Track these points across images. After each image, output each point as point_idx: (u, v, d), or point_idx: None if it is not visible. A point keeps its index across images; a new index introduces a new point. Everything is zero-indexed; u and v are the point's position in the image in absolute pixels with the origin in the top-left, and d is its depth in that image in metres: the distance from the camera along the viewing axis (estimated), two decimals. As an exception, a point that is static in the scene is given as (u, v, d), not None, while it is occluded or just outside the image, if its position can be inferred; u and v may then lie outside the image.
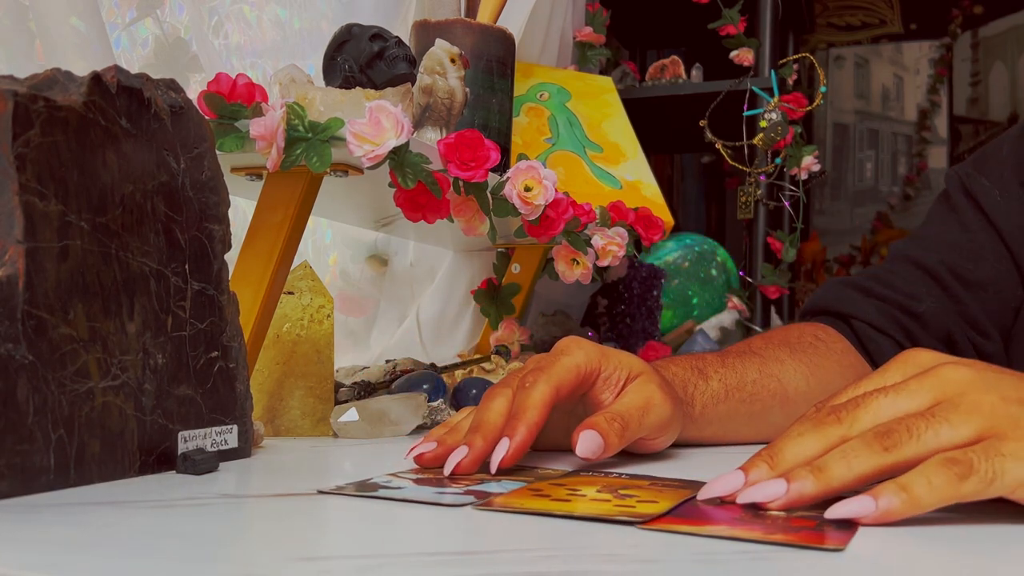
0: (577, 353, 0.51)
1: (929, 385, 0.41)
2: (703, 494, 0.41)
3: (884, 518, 0.36)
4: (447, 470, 0.46)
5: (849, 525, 0.36)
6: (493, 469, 0.46)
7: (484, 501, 0.39)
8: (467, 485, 0.44)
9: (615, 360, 0.53)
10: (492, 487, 0.43)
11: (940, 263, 0.74)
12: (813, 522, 0.37)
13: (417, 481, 0.45)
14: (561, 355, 0.51)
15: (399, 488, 0.42)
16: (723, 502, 0.40)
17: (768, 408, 0.63)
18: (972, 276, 0.74)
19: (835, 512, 0.37)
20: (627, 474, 0.48)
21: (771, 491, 0.39)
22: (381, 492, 0.41)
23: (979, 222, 0.75)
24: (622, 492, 0.42)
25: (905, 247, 0.78)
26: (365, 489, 0.42)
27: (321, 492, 0.42)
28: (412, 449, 0.49)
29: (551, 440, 0.55)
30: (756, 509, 0.39)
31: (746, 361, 0.64)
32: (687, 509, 0.39)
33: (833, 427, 0.41)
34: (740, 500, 0.40)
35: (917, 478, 0.37)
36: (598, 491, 0.42)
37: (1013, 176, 0.75)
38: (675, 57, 1.52)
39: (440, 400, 0.74)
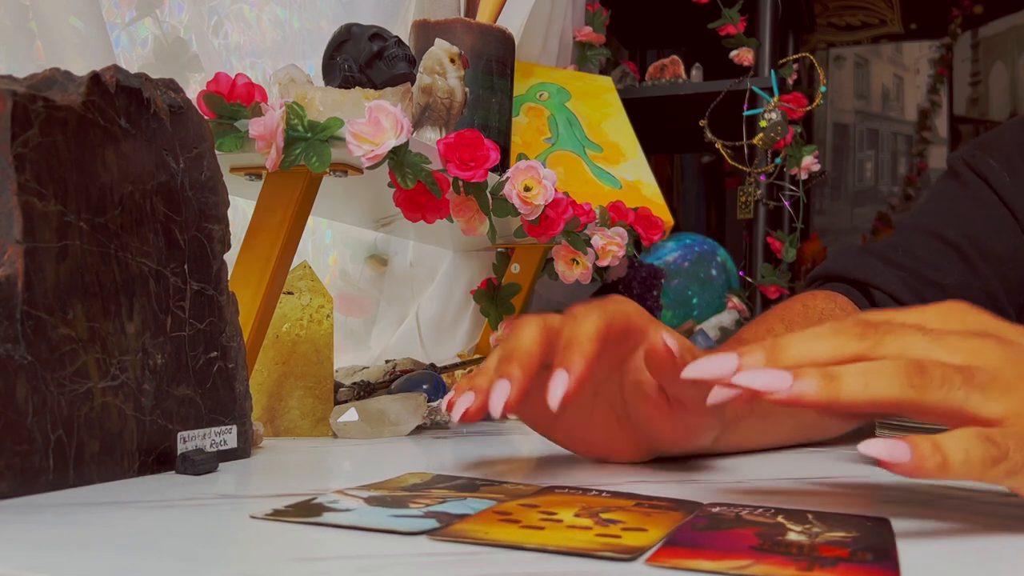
0: (628, 305, 0.47)
1: (970, 347, 0.38)
2: (688, 372, 0.38)
3: (914, 473, 0.34)
4: (495, 412, 0.40)
5: (887, 555, 0.33)
6: (554, 405, 0.40)
7: (443, 529, 0.34)
8: (426, 505, 0.39)
9: (664, 329, 0.48)
10: (454, 507, 0.38)
11: (962, 236, 0.72)
12: (846, 550, 0.33)
13: (369, 500, 0.40)
14: (612, 302, 0.46)
15: (347, 511, 0.37)
16: (711, 379, 0.36)
17: (779, 421, 0.61)
18: (992, 249, 0.72)
19: (869, 448, 0.34)
20: (608, 491, 0.43)
21: (772, 381, 0.36)
22: (326, 517, 0.36)
23: (992, 197, 0.73)
24: (604, 517, 0.37)
25: (920, 220, 0.76)
26: (307, 512, 0.37)
27: (253, 517, 0.36)
28: (450, 405, 0.43)
29: (598, 445, 0.52)
30: (772, 535, 0.35)
31: None
32: (689, 536, 0.35)
33: (853, 340, 0.38)
34: (735, 381, 0.36)
35: (956, 445, 0.35)
36: (576, 515, 0.38)
37: (1019, 158, 0.74)
38: (675, 57, 1.52)
39: (440, 400, 0.74)
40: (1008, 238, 0.72)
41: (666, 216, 1.09)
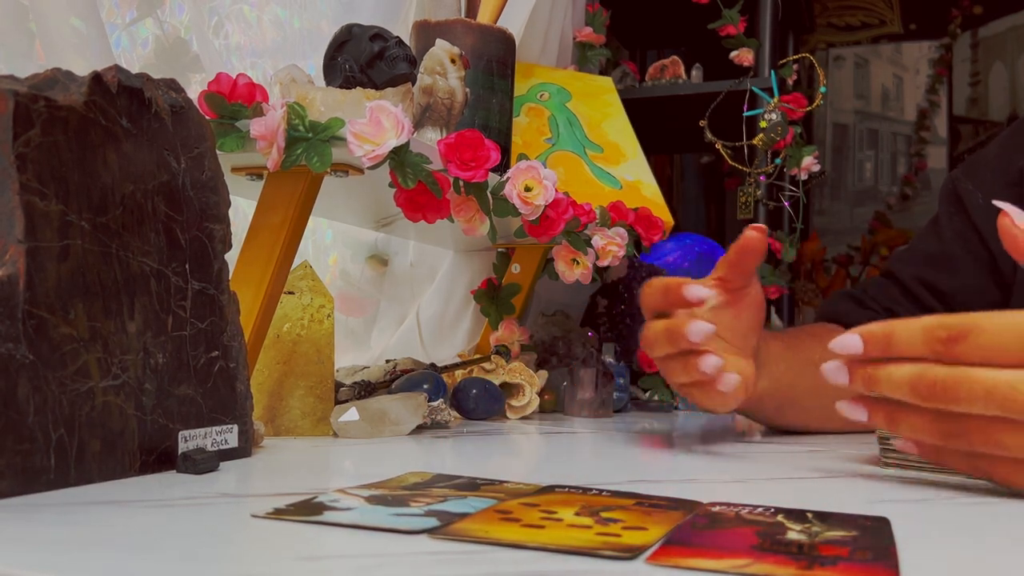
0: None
1: None
2: (824, 369, 0.49)
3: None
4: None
5: (887, 555, 0.33)
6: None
7: (443, 527, 0.34)
8: (427, 504, 0.39)
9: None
10: (455, 506, 0.38)
11: (914, 278, 0.83)
12: (846, 549, 0.33)
13: (369, 499, 0.39)
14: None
15: (348, 510, 0.37)
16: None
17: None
18: (943, 286, 0.81)
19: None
20: (608, 490, 0.44)
21: (854, 415, 0.48)
22: (327, 515, 0.36)
23: (954, 230, 0.81)
24: (604, 516, 0.37)
25: (892, 262, 0.87)
26: (308, 511, 0.37)
27: (254, 516, 0.37)
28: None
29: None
30: (772, 534, 0.35)
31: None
32: (689, 535, 0.35)
33: (938, 387, 0.44)
34: (840, 408, 0.49)
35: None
36: (576, 513, 0.38)
37: (998, 178, 0.78)
38: (675, 57, 1.52)
39: (440, 400, 0.74)
40: (960, 274, 0.80)
41: (666, 216, 1.09)
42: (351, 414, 0.65)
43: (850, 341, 0.47)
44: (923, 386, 0.44)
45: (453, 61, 0.77)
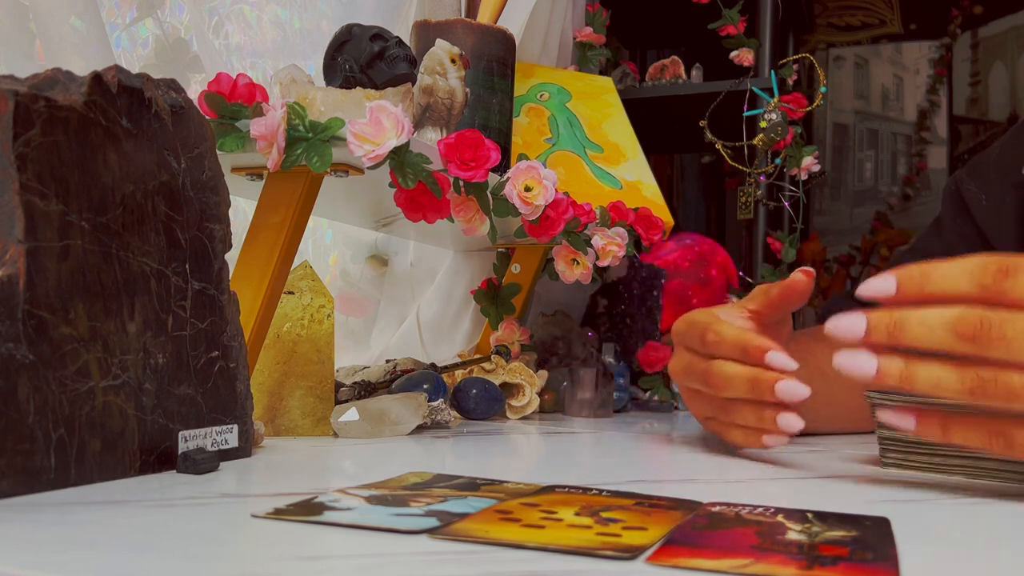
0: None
1: None
2: (828, 327, 0.43)
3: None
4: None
5: (887, 555, 0.33)
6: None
7: (443, 527, 0.35)
8: (427, 504, 0.39)
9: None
10: (455, 506, 0.38)
11: None
12: (846, 549, 0.33)
13: (370, 499, 0.39)
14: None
15: (348, 509, 0.37)
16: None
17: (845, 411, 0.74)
18: None
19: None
20: (609, 490, 0.44)
21: (855, 365, 0.41)
22: (327, 515, 0.36)
23: (956, 231, 0.81)
24: (604, 516, 0.37)
25: (894, 263, 0.87)
26: (308, 511, 0.37)
27: (254, 516, 0.37)
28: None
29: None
30: (772, 534, 0.35)
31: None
32: (689, 535, 0.35)
33: (974, 344, 0.39)
34: (840, 362, 0.42)
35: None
36: (576, 513, 0.38)
37: (1001, 178, 0.78)
38: (675, 57, 1.52)
39: (440, 400, 0.74)
40: None
41: (666, 216, 1.09)
42: (351, 414, 0.65)
43: (880, 284, 0.41)
44: (966, 325, 0.38)
45: (453, 61, 0.77)
